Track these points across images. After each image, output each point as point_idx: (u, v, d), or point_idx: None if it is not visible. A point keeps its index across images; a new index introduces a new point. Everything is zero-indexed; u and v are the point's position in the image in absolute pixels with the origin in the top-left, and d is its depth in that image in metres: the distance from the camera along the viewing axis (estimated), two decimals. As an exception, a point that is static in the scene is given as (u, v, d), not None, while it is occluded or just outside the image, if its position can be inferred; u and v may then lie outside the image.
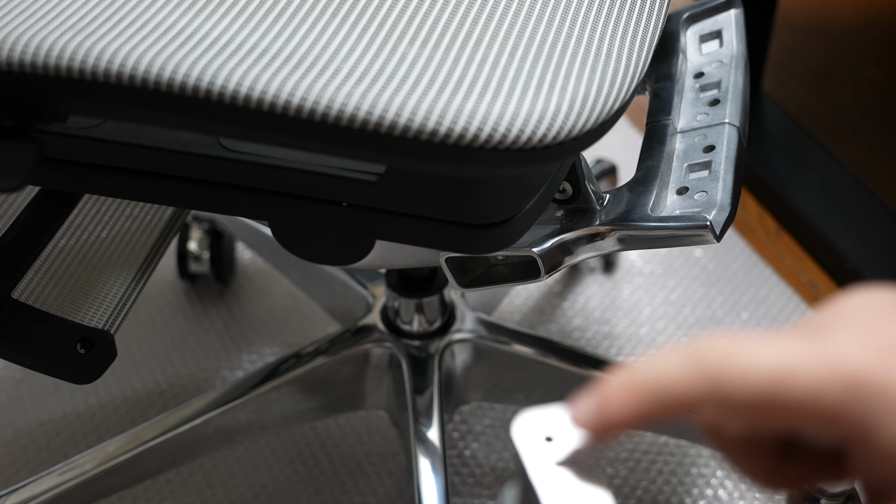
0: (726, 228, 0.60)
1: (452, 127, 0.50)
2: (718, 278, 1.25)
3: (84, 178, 0.61)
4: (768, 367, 0.34)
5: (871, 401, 0.33)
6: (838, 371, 0.33)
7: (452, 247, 0.58)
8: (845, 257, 1.24)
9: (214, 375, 1.13)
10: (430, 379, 0.91)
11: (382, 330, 0.95)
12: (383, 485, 1.03)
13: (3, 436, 1.07)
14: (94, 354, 0.68)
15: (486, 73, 0.53)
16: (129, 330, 1.17)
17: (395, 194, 0.57)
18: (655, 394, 0.35)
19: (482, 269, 0.67)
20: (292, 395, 0.94)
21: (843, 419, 0.33)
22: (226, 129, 0.53)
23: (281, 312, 1.20)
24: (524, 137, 0.50)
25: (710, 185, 0.62)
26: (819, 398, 0.33)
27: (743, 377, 0.34)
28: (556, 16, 0.58)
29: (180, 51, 0.51)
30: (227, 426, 0.91)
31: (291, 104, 0.49)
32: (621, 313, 1.21)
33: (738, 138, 0.66)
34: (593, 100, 0.53)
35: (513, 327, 0.97)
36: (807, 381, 0.33)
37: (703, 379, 0.34)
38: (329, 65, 0.52)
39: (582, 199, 0.64)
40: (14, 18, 0.52)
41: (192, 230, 1.19)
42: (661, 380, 0.35)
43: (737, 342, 0.34)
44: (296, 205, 0.58)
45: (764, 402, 0.33)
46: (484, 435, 1.08)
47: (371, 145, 0.50)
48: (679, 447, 1.07)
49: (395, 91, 0.51)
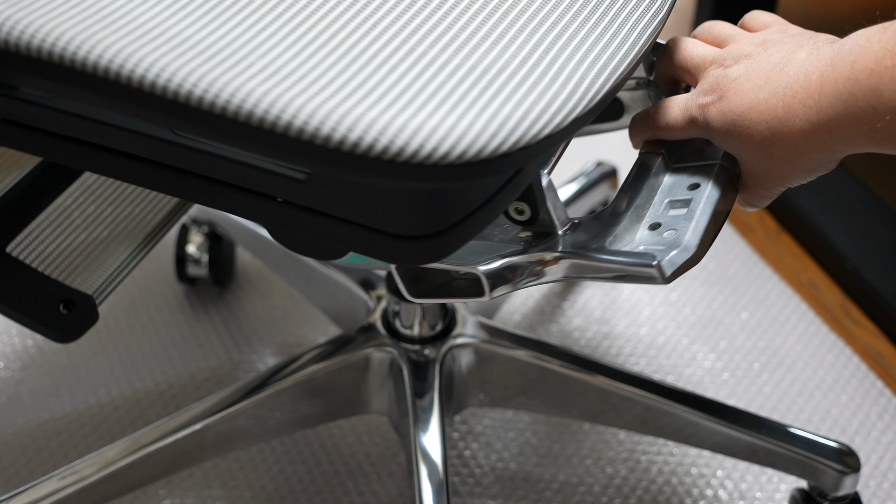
0: (683, 270, 0.58)
1: (358, 135, 0.49)
2: (718, 278, 1.25)
3: (43, 144, 0.62)
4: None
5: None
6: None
7: (377, 255, 0.57)
8: (845, 257, 1.23)
9: (214, 375, 1.13)
10: (430, 383, 0.91)
11: (383, 334, 0.95)
12: (383, 485, 1.03)
13: (3, 436, 1.07)
14: (75, 316, 0.71)
15: (415, 86, 0.52)
16: (129, 330, 1.17)
17: (322, 195, 0.56)
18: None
19: (441, 280, 0.66)
20: (293, 399, 0.93)
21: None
22: (149, 116, 0.54)
23: (281, 313, 1.20)
24: (424, 153, 0.49)
25: (682, 224, 0.60)
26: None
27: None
28: (507, 33, 0.57)
29: (113, 35, 0.53)
30: (227, 431, 0.91)
31: (210, 99, 0.50)
32: (621, 313, 1.21)
33: (728, 179, 0.64)
34: (516, 123, 0.51)
35: (514, 331, 0.97)
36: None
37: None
38: (263, 64, 0.52)
39: (541, 223, 0.63)
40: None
41: (192, 233, 1.18)
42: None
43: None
44: (238, 196, 0.58)
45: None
46: (484, 435, 1.08)
47: (279, 148, 0.50)
48: (679, 447, 1.07)
49: (314, 95, 0.50)
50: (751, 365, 1.16)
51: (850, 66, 0.55)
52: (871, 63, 0.54)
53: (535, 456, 1.06)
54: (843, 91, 0.56)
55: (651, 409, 0.93)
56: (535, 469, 1.05)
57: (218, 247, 1.19)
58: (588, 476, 1.05)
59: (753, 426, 0.92)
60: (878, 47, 0.54)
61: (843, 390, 1.13)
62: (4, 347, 1.15)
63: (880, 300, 1.19)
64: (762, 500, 1.03)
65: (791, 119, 0.58)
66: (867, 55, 0.54)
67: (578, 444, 1.07)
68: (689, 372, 1.15)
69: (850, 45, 0.56)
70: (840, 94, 0.56)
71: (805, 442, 0.92)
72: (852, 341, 1.18)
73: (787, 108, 0.58)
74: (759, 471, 1.05)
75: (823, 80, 0.57)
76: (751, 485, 1.04)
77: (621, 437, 1.08)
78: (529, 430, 1.08)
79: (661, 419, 0.93)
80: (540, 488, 1.03)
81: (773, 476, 1.04)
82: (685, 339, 1.18)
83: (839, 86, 0.56)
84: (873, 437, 1.09)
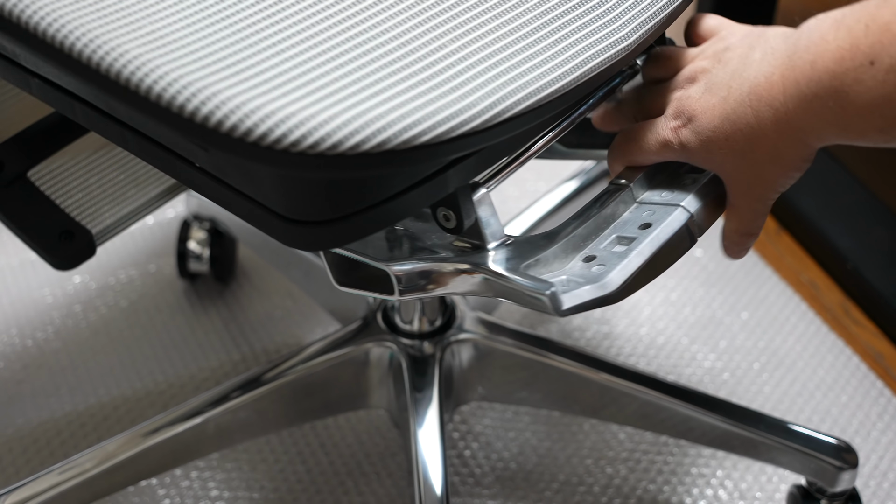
0: (592, 307, 0.56)
1: (210, 110, 0.49)
2: (718, 278, 1.25)
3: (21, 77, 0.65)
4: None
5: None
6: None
7: (272, 234, 0.57)
8: (845, 257, 1.24)
9: (214, 375, 1.13)
10: (430, 378, 0.91)
11: (383, 329, 0.95)
12: (383, 485, 1.03)
13: (4, 435, 1.07)
14: (71, 246, 0.77)
15: (295, 73, 0.52)
16: (129, 330, 1.17)
17: (223, 167, 0.56)
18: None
19: (366, 273, 0.64)
20: (293, 394, 0.94)
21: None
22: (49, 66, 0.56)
23: (281, 312, 1.20)
24: (272, 138, 0.49)
25: (614, 262, 0.58)
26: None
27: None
28: (421, 35, 0.57)
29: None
30: (227, 425, 0.91)
31: (108, 63, 0.52)
32: (621, 313, 1.21)
33: (684, 225, 0.61)
34: (385, 125, 0.50)
35: (513, 327, 0.97)
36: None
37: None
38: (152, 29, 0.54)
39: (472, 234, 0.62)
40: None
41: (193, 229, 1.19)
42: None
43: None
44: (166, 156, 0.59)
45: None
46: (484, 435, 1.08)
47: (146, 112, 0.52)
48: (679, 447, 1.07)
49: (186, 64, 0.51)
50: (751, 365, 1.15)
51: (811, 67, 0.55)
52: (831, 64, 0.54)
53: (535, 456, 1.06)
54: (806, 92, 0.55)
55: (650, 405, 0.93)
56: (535, 469, 1.05)
57: (219, 243, 1.19)
58: (588, 476, 1.04)
59: (752, 422, 0.92)
60: (834, 46, 0.54)
61: (843, 390, 1.13)
62: (4, 347, 1.15)
63: (880, 300, 1.19)
64: (762, 500, 1.02)
65: (762, 123, 0.58)
66: (826, 55, 0.54)
67: (578, 444, 1.07)
68: (689, 372, 1.15)
69: (805, 41, 0.56)
70: (804, 96, 0.55)
71: (803, 438, 0.92)
72: (852, 341, 1.18)
73: (757, 113, 0.58)
74: (759, 470, 1.05)
75: (785, 80, 0.57)
76: (751, 484, 1.04)
77: (621, 437, 1.08)
78: (529, 430, 1.08)
79: (661, 414, 0.94)
80: (540, 488, 1.03)
81: (773, 476, 1.04)
82: (685, 339, 1.18)
83: (802, 87, 0.56)
84: (873, 436, 1.09)
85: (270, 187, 0.55)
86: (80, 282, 1.22)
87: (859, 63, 0.52)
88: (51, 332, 1.17)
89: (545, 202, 1.07)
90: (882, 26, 0.51)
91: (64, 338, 1.16)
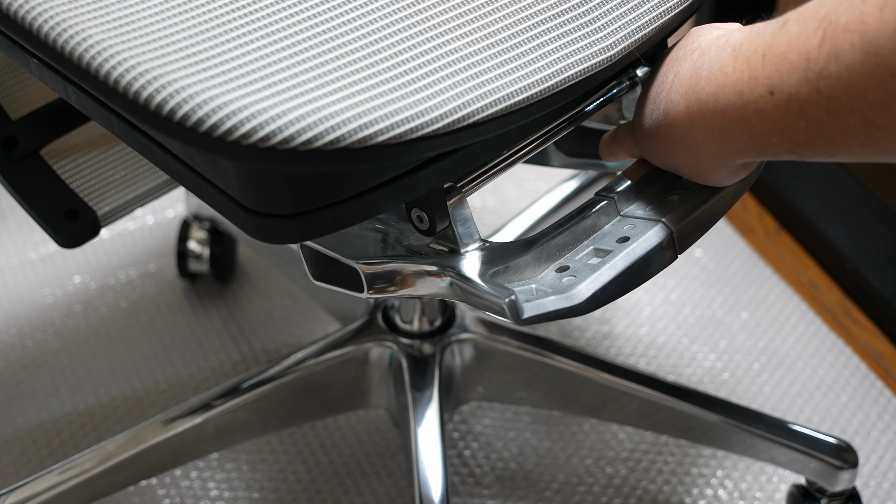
0: (555, 318, 0.55)
1: (163, 98, 0.50)
2: (718, 278, 1.25)
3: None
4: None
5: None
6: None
7: (239, 226, 0.57)
8: (845, 257, 1.24)
9: (214, 375, 1.13)
10: (430, 378, 0.91)
11: (383, 329, 0.95)
12: (383, 485, 1.03)
13: (3, 435, 1.07)
14: (76, 225, 0.79)
15: (258, 65, 0.52)
16: (129, 330, 1.17)
17: (191, 154, 0.56)
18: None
19: (341, 270, 0.64)
20: (293, 393, 0.94)
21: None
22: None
23: (281, 312, 1.20)
24: (222, 129, 0.48)
25: (585, 274, 0.57)
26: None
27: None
28: (397, 33, 0.56)
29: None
30: (227, 425, 0.91)
31: (80, 50, 0.52)
32: (621, 313, 1.21)
33: (663, 241, 0.60)
34: (340, 122, 0.49)
35: (513, 327, 0.97)
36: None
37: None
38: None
39: (446, 237, 0.61)
40: None
41: (193, 229, 1.19)
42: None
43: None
44: (145, 141, 0.59)
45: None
46: (484, 435, 1.08)
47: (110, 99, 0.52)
48: (679, 447, 1.07)
49: (148, 51, 0.51)
50: (751, 365, 1.16)
51: (714, 100, 0.54)
52: (732, 97, 0.53)
53: (535, 456, 1.06)
54: (713, 124, 0.55)
55: (650, 404, 0.93)
56: (535, 469, 1.05)
57: (219, 242, 1.19)
58: (588, 476, 1.04)
59: (752, 421, 0.93)
60: (734, 79, 0.53)
61: (843, 390, 1.13)
62: (4, 347, 1.15)
63: (880, 300, 1.19)
64: (762, 500, 1.02)
65: (676, 145, 0.59)
66: (727, 89, 0.53)
67: (578, 444, 1.07)
68: (689, 372, 1.15)
69: (706, 72, 0.55)
70: (712, 128, 0.55)
71: (803, 437, 0.92)
72: (852, 341, 1.18)
73: (670, 136, 0.59)
74: (759, 470, 1.05)
75: (691, 112, 0.56)
76: (751, 484, 1.04)
77: (621, 437, 1.08)
78: (529, 430, 1.08)
79: (661, 414, 0.94)
80: (540, 488, 1.03)
81: (772, 476, 1.04)
82: (685, 339, 1.18)
83: (707, 119, 0.55)
84: (873, 436, 1.09)
85: (233, 178, 0.55)
86: (80, 282, 1.22)
87: (759, 94, 0.51)
88: (51, 332, 1.17)
89: (545, 202, 1.07)
90: (779, 56, 0.50)
91: (64, 338, 1.16)
